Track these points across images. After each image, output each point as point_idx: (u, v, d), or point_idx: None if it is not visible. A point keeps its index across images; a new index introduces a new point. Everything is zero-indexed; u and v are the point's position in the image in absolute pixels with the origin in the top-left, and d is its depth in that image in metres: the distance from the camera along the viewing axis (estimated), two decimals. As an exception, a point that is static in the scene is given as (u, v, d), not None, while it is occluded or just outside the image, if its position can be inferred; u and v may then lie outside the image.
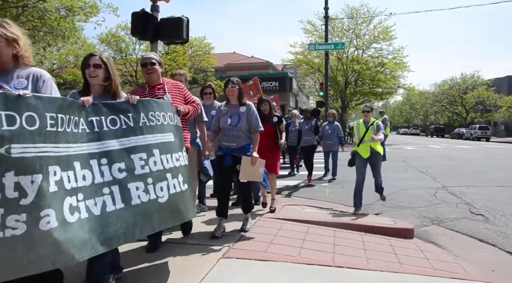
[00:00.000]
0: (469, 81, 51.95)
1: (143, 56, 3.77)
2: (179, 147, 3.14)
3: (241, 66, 37.53)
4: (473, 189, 8.14)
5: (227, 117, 4.28)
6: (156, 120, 2.97)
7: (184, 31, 6.33)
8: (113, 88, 2.91)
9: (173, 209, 2.88)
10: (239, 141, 4.26)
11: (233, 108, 4.32)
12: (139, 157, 2.75)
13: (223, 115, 4.32)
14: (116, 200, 2.53)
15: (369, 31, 31.24)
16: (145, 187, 2.70)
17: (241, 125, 4.23)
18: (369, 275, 3.32)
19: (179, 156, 3.09)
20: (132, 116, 2.83)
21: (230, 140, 4.27)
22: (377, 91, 33.17)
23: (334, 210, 6.12)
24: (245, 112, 4.27)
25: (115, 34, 24.34)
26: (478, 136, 37.34)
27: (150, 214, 2.69)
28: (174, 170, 2.96)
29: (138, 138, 2.80)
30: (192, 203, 3.22)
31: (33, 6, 11.81)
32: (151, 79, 3.69)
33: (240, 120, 4.23)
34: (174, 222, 2.96)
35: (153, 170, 2.80)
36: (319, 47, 24.47)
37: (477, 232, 5.19)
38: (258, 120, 4.36)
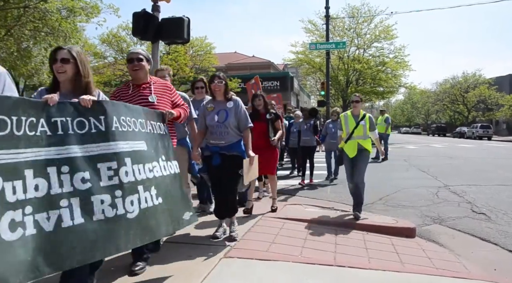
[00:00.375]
0: (470, 80, 51.84)
1: (130, 51, 3.49)
2: (154, 156, 2.86)
3: (242, 66, 37.54)
4: (475, 188, 8.13)
5: (213, 114, 4.07)
6: (127, 126, 2.69)
7: (185, 31, 6.34)
8: (83, 86, 2.62)
9: (143, 226, 2.58)
10: (227, 138, 4.04)
11: (220, 104, 4.12)
12: (108, 166, 2.44)
13: (210, 112, 4.10)
14: (75, 214, 2.21)
15: (370, 30, 31.21)
16: (112, 201, 2.40)
17: (230, 122, 4.02)
18: (371, 275, 3.32)
19: (153, 167, 2.82)
20: (104, 120, 2.52)
21: (218, 138, 4.06)
22: (379, 90, 33.12)
23: (336, 209, 6.12)
24: (233, 108, 4.08)
25: (116, 35, 24.37)
26: (480, 135, 37.25)
27: (115, 231, 2.37)
28: (147, 182, 2.70)
29: (109, 145, 2.50)
30: (167, 218, 2.85)
31: (34, 7, 11.83)
32: (137, 77, 3.39)
33: (228, 116, 4.03)
34: (142, 241, 2.62)
35: (124, 181, 2.51)
36: (320, 46, 24.45)
37: (479, 231, 5.18)
38: (247, 115, 4.17)
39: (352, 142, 5.39)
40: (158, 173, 2.85)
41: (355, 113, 5.55)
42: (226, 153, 4.04)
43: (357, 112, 5.56)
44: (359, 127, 5.39)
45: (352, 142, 5.39)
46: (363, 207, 6.45)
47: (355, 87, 31.87)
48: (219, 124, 4.03)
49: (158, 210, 2.75)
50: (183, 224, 3.05)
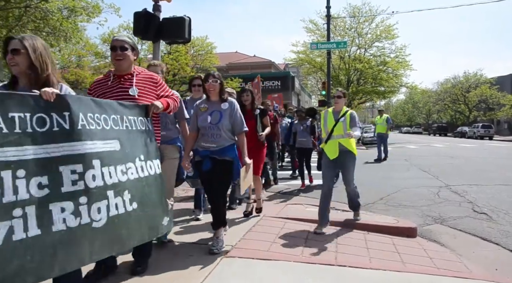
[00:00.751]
0: (472, 79, 51.77)
1: (114, 37, 3.13)
2: (129, 156, 2.58)
3: (243, 66, 37.56)
4: (476, 187, 8.12)
5: (206, 115, 3.79)
6: (96, 124, 2.40)
7: (186, 31, 6.33)
8: (41, 80, 2.32)
9: (111, 236, 2.33)
10: (219, 142, 3.74)
11: (214, 105, 3.84)
12: (71, 170, 2.16)
13: (203, 113, 3.82)
14: (29, 225, 1.94)
15: (371, 30, 31.17)
16: (75, 208, 2.13)
17: (223, 124, 3.74)
18: (372, 274, 3.32)
19: (128, 168, 2.53)
20: (69, 116, 2.22)
21: (209, 140, 3.75)
22: (380, 90, 33.10)
23: (337, 209, 6.11)
24: (228, 109, 3.81)
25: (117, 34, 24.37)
26: (481, 135, 37.19)
27: (78, 243, 2.12)
28: (119, 186, 2.43)
29: (74, 145, 2.20)
30: (142, 225, 2.61)
31: (35, 7, 11.85)
32: (120, 68, 3.06)
33: (222, 118, 3.75)
34: (111, 252, 2.38)
35: (90, 186, 2.24)
36: (321, 46, 24.42)
37: (480, 230, 5.17)
38: (243, 119, 3.89)
39: (333, 142, 4.84)
40: (133, 175, 2.58)
41: (337, 110, 5.02)
42: (217, 157, 3.75)
43: (339, 108, 5.01)
44: (339, 125, 4.83)
45: (332, 142, 4.84)
46: (364, 207, 6.47)
47: (356, 87, 31.88)
48: (212, 126, 3.75)
49: (132, 216, 2.49)
50: (162, 230, 2.79)
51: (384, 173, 10.92)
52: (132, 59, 3.09)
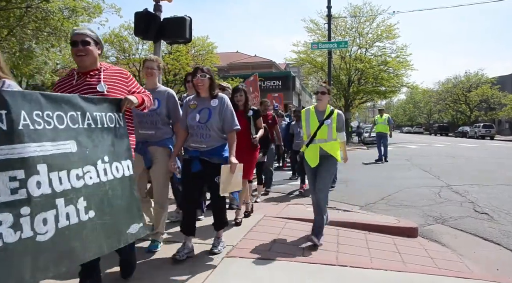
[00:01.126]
0: (473, 79, 51.70)
1: (74, 31, 2.82)
2: (89, 158, 2.29)
3: (244, 66, 37.57)
4: (477, 187, 8.11)
5: (195, 112, 3.53)
6: (45, 123, 2.11)
7: (187, 31, 6.34)
8: None
9: (60, 250, 2.05)
10: (209, 142, 3.49)
11: (203, 102, 3.57)
12: (10, 176, 1.88)
13: (192, 110, 3.57)
14: None
15: (372, 30, 31.14)
16: (15, 221, 1.86)
17: (212, 122, 3.48)
18: (373, 274, 3.31)
19: (85, 172, 2.24)
20: (6, 115, 1.93)
21: (198, 140, 3.50)
22: (381, 90, 33.08)
23: (338, 209, 6.12)
24: (217, 106, 3.53)
25: (118, 34, 24.42)
26: (482, 135, 37.14)
27: (18, 260, 1.85)
28: (71, 193, 2.15)
29: (13, 148, 1.92)
30: (101, 235, 2.30)
31: (36, 7, 11.85)
32: (83, 64, 2.77)
33: (211, 116, 3.48)
34: (58, 268, 2.05)
35: (34, 194, 1.96)
36: (322, 46, 24.41)
37: (482, 230, 5.16)
38: (234, 116, 3.61)
39: (314, 146, 4.21)
40: (93, 179, 2.29)
41: (320, 109, 4.32)
42: (207, 159, 3.51)
43: (323, 107, 4.32)
44: (323, 128, 4.17)
45: (313, 146, 4.21)
46: (365, 207, 6.48)
47: (357, 87, 31.89)
48: (200, 125, 3.49)
49: (87, 227, 2.20)
50: (126, 240, 2.48)
51: (385, 172, 10.92)
52: (97, 55, 2.81)
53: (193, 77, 3.55)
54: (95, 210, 2.27)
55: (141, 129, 3.61)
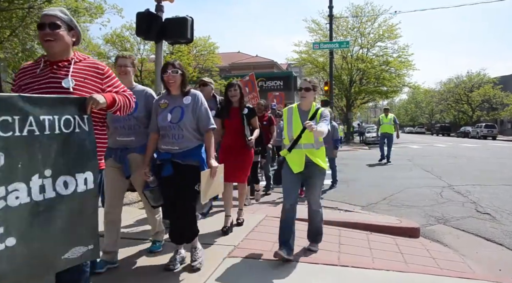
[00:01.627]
0: (475, 79, 51.57)
1: (43, 12, 2.40)
2: (17, 174, 1.83)
3: (246, 66, 37.58)
4: (479, 187, 8.09)
5: (166, 112, 3.22)
6: None
7: (189, 31, 6.34)
8: None
9: None
10: (182, 143, 3.17)
11: (175, 100, 3.27)
12: None
13: (162, 110, 3.25)
14: None
15: (374, 30, 31.15)
16: None
17: (185, 122, 3.17)
18: (375, 274, 3.31)
19: (10, 191, 1.80)
20: None
21: (170, 142, 3.19)
22: (382, 90, 33.08)
23: (339, 209, 6.11)
24: (190, 104, 3.23)
25: (120, 35, 24.52)
26: (484, 135, 37.04)
27: None
28: None
29: None
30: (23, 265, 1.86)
31: (38, 8, 11.90)
32: (51, 51, 2.34)
33: (184, 115, 3.18)
34: None
35: None
36: (323, 46, 24.42)
37: (484, 231, 5.15)
38: (209, 114, 3.31)
39: (298, 152, 3.67)
40: (20, 199, 1.84)
41: (304, 108, 3.77)
42: (180, 162, 3.18)
43: (307, 106, 3.77)
44: (308, 132, 3.55)
45: (298, 152, 3.67)
46: (367, 207, 6.47)
47: (359, 87, 31.89)
48: (172, 125, 3.18)
49: (2, 258, 1.77)
50: (57, 267, 2.03)
51: (387, 173, 10.91)
52: (69, 42, 2.37)
53: (164, 73, 3.23)
54: (17, 236, 1.82)
55: (118, 136, 3.32)
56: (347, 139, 28.08)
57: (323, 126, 3.49)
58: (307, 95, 3.71)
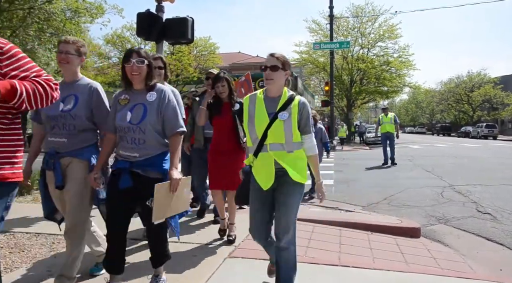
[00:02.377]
0: (475, 79, 51.56)
1: None
2: None
3: (246, 66, 37.53)
4: (480, 187, 8.08)
5: (126, 110, 2.64)
6: None
7: (189, 31, 6.35)
8: None
9: None
10: (143, 149, 2.60)
11: (137, 96, 2.68)
12: None
13: (122, 107, 2.68)
14: None
15: (374, 30, 31.17)
16: None
17: (148, 123, 2.59)
18: (375, 274, 3.31)
19: None
20: None
21: (129, 147, 2.62)
22: (383, 90, 33.10)
23: (340, 209, 6.11)
24: (155, 101, 2.65)
25: (120, 35, 24.54)
26: (485, 135, 37.03)
27: None
28: None
29: None
30: None
31: (39, 8, 11.91)
32: None
33: (147, 115, 2.60)
34: None
35: None
36: (324, 46, 24.45)
37: (485, 231, 5.15)
38: (178, 115, 2.75)
39: (265, 156, 2.58)
40: None
41: (272, 95, 2.66)
42: (140, 172, 2.61)
43: (276, 92, 2.65)
44: (276, 125, 2.53)
45: (264, 156, 2.58)
46: (368, 207, 6.47)
47: (359, 87, 31.90)
48: (132, 126, 2.60)
49: None
50: None
51: (387, 173, 10.90)
52: None
53: (126, 62, 2.62)
54: None
55: (51, 136, 2.75)
56: (347, 140, 28.07)
57: (312, 142, 2.64)
58: (275, 76, 2.56)
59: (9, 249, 3.70)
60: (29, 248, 3.73)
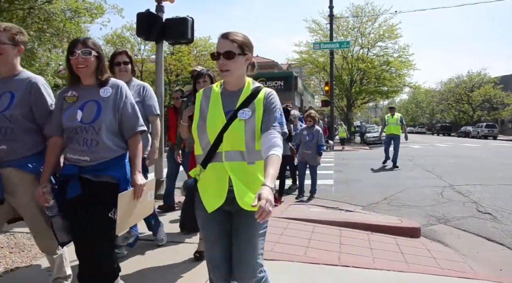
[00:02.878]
0: (475, 79, 51.55)
1: None
2: None
3: (246, 66, 37.55)
4: (480, 187, 8.08)
5: (75, 108, 2.28)
6: None
7: (189, 31, 6.35)
8: None
9: None
10: (96, 152, 2.26)
11: (87, 92, 2.33)
12: None
13: (70, 105, 2.31)
14: None
15: (374, 30, 31.15)
16: None
17: (103, 122, 2.27)
18: (375, 274, 3.31)
19: None
20: None
21: (79, 150, 2.26)
22: (383, 90, 33.11)
23: (340, 209, 6.11)
24: (111, 98, 2.33)
25: (120, 35, 24.53)
26: (485, 135, 37.03)
27: None
28: None
29: None
30: None
31: (39, 8, 11.91)
32: None
33: (101, 113, 2.28)
34: None
35: None
36: (324, 46, 24.47)
37: (485, 230, 5.15)
38: (137, 111, 2.43)
39: (217, 167, 1.95)
40: None
41: (231, 88, 2.05)
42: (91, 179, 2.26)
43: (235, 85, 2.04)
44: (236, 126, 1.92)
45: (216, 168, 1.96)
46: (368, 207, 6.47)
47: (359, 87, 31.91)
48: (84, 126, 2.25)
49: None
50: None
51: (387, 173, 10.91)
52: None
53: (70, 54, 2.27)
54: None
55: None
56: (348, 140, 28.09)
57: (273, 146, 1.83)
58: (232, 65, 1.91)
59: (9, 249, 3.71)
60: (29, 248, 3.74)
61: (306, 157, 7.08)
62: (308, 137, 7.05)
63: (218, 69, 1.98)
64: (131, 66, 3.51)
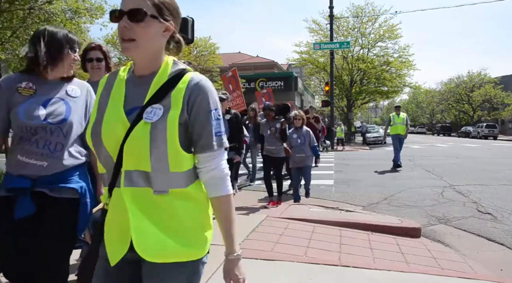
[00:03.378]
0: (476, 79, 51.56)
1: None
2: None
3: (247, 66, 37.58)
4: (480, 187, 8.08)
5: (35, 104, 1.95)
6: None
7: (189, 32, 6.33)
8: None
9: None
10: (58, 158, 1.95)
11: (51, 87, 2.02)
12: None
13: (25, 98, 1.95)
14: None
15: (375, 30, 31.15)
16: None
17: (72, 124, 2.00)
18: (376, 275, 3.31)
19: None
20: None
21: (38, 153, 1.91)
22: (383, 90, 33.10)
23: (340, 209, 6.10)
24: (81, 99, 2.10)
25: (120, 35, 24.52)
26: (485, 135, 37.02)
27: None
28: None
29: None
30: None
31: (39, 9, 11.91)
32: None
33: (71, 114, 2.00)
34: None
35: None
36: (324, 46, 24.47)
37: (485, 231, 5.15)
38: None
39: (117, 196, 1.24)
40: None
41: (141, 72, 1.31)
42: (46, 192, 1.92)
43: (146, 67, 1.30)
44: (138, 132, 1.19)
45: (117, 195, 1.24)
46: (368, 207, 6.48)
47: (360, 87, 31.91)
48: (50, 127, 1.94)
49: None
50: None
51: (388, 173, 10.91)
52: None
53: (35, 45, 1.99)
54: None
55: None
56: (348, 140, 28.09)
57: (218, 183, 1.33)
58: (139, 32, 1.23)
59: (10, 249, 3.70)
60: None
61: (300, 162, 6.50)
62: (300, 141, 6.48)
63: (119, 37, 1.26)
64: (105, 63, 3.04)
